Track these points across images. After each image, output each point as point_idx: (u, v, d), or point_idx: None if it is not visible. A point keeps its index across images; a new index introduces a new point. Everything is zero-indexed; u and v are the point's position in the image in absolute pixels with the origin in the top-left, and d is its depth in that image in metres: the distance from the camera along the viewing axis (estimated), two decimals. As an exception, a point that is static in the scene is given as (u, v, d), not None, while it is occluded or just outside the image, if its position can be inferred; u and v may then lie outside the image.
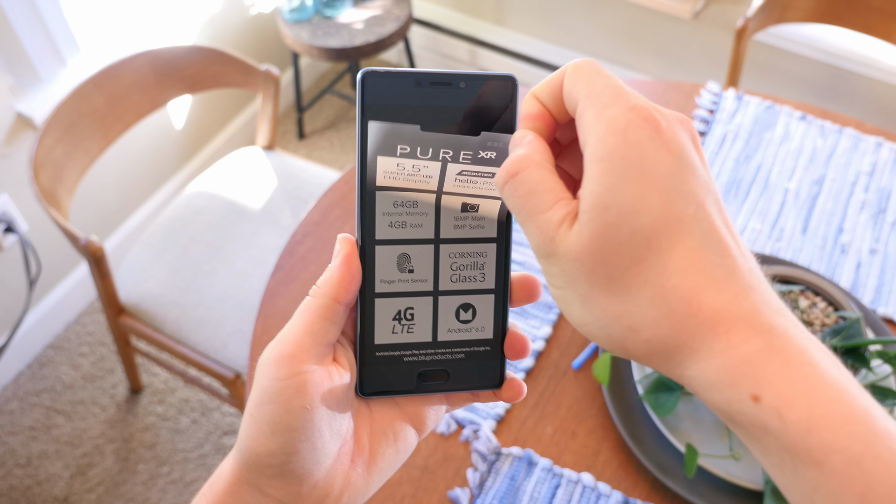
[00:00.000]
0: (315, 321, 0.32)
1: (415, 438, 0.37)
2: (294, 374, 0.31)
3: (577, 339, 0.92)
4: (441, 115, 0.33)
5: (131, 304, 1.37)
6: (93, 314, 1.86)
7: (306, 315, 0.32)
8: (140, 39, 1.73)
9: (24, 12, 1.48)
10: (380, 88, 0.33)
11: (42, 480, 1.60)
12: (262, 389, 0.31)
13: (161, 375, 1.76)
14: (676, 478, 0.78)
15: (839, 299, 0.81)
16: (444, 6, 2.24)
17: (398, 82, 0.33)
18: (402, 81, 0.33)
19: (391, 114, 0.33)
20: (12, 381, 1.75)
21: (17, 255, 1.65)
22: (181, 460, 1.63)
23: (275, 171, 1.53)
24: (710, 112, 1.20)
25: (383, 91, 0.33)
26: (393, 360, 0.36)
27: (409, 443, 0.37)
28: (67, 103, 1.29)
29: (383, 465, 0.36)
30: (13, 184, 1.58)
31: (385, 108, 0.33)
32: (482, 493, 0.79)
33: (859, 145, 1.14)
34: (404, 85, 0.33)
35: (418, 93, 0.33)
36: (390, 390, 0.36)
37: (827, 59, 1.78)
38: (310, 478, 0.32)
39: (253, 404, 0.32)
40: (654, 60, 2.04)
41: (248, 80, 1.47)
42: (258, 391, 0.32)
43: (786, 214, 1.06)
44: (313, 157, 2.23)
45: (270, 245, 1.42)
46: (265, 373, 0.32)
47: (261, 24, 2.09)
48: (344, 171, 1.21)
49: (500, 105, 0.34)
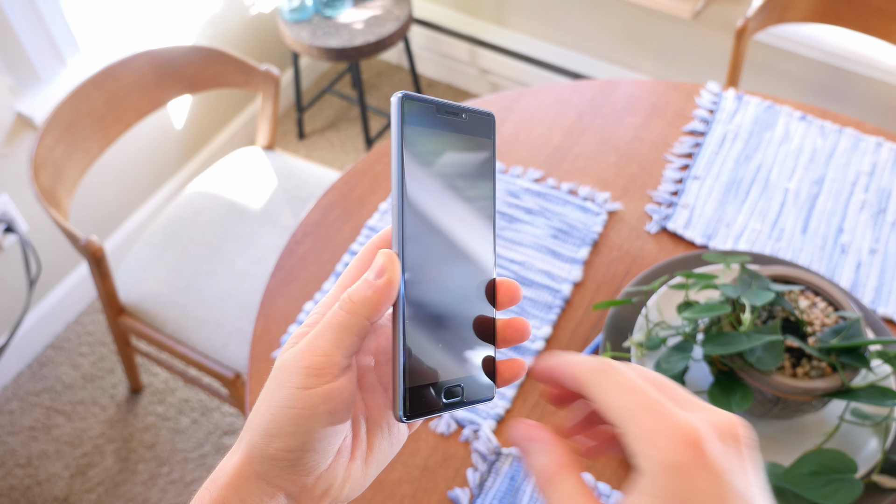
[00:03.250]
0: (346, 337, 0.34)
1: (406, 431, 0.39)
2: (323, 384, 0.33)
3: (577, 340, 0.92)
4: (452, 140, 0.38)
5: (131, 304, 1.37)
6: (93, 314, 1.86)
7: (339, 331, 0.34)
8: (140, 39, 1.73)
9: (24, 12, 1.48)
10: (412, 110, 0.36)
11: (42, 480, 1.60)
12: (289, 394, 0.33)
13: (161, 375, 1.76)
14: (676, 478, 0.78)
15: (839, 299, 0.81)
16: (444, 6, 2.24)
17: (426, 108, 0.37)
18: (429, 107, 0.37)
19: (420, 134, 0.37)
20: (12, 381, 1.75)
21: (17, 255, 1.65)
22: (181, 460, 1.63)
23: (275, 171, 1.53)
24: (710, 112, 1.20)
25: (415, 114, 0.36)
26: (429, 383, 0.36)
27: (401, 435, 0.39)
28: (67, 103, 1.29)
29: (379, 457, 0.38)
30: (13, 184, 1.58)
31: (413, 130, 0.36)
32: (482, 493, 0.79)
33: (859, 145, 1.14)
34: (431, 110, 0.37)
35: (438, 119, 0.37)
36: (424, 412, 0.36)
37: (827, 59, 1.78)
38: (317, 470, 0.34)
39: (276, 405, 0.33)
40: (654, 60, 2.04)
41: (248, 80, 1.47)
42: (285, 395, 0.33)
43: (786, 214, 1.06)
44: (313, 157, 2.23)
45: (270, 245, 1.42)
46: (293, 379, 0.33)
47: (261, 24, 2.09)
48: (344, 171, 1.21)
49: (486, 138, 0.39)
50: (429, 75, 2.43)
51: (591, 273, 1.00)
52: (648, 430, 0.30)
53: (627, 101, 1.22)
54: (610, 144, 1.15)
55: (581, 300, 0.97)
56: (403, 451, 0.83)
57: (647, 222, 1.05)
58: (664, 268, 0.94)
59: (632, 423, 0.30)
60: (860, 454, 0.79)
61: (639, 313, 0.90)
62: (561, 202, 1.07)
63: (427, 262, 0.36)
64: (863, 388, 0.75)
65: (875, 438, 0.80)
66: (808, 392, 0.74)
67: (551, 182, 1.10)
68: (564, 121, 1.19)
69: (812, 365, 0.76)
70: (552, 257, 1.01)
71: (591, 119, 1.19)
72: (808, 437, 0.82)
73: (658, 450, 0.29)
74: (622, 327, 0.89)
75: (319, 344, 0.33)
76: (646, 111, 1.20)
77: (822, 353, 0.76)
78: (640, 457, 0.30)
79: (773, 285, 0.79)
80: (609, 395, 0.32)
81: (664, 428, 0.30)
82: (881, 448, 0.78)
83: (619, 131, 1.17)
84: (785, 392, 0.74)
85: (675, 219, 1.05)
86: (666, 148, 1.15)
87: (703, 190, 1.09)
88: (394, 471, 0.82)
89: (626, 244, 1.03)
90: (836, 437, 0.80)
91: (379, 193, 1.09)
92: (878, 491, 0.76)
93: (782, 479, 0.73)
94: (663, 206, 1.07)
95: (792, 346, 0.77)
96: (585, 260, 1.01)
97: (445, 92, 2.39)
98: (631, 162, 1.13)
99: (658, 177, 1.11)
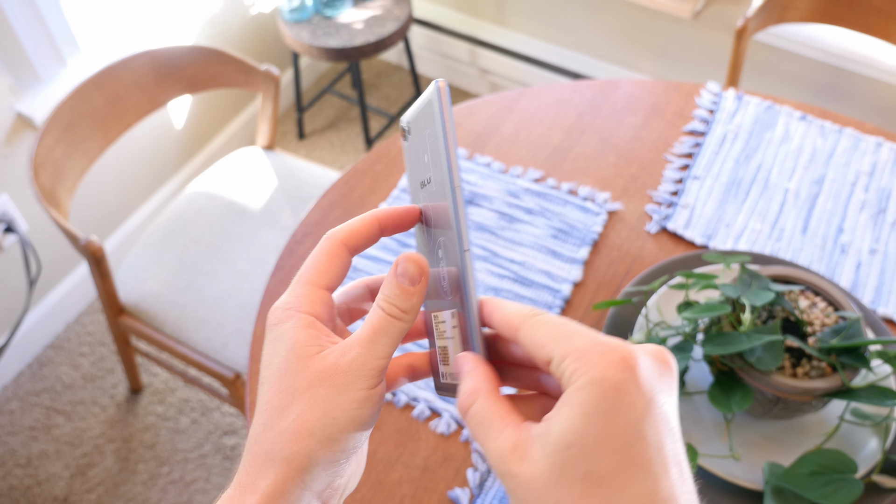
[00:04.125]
0: (397, 342, 0.36)
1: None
2: (378, 385, 0.35)
3: (577, 339, 0.92)
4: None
5: (131, 304, 1.37)
6: (93, 314, 1.86)
7: (395, 337, 0.35)
8: (140, 39, 1.73)
9: (24, 12, 1.48)
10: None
11: (42, 480, 1.60)
12: (356, 396, 0.34)
13: (161, 375, 1.76)
14: (676, 478, 0.78)
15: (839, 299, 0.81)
16: (444, 6, 2.24)
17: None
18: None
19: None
20: (12, 381, 1.75)
21: (17, 255, 1.65)
22: (181, 460, 1.63)
23: (275, 171, 1.53)
24: (710, 112, 1.20)
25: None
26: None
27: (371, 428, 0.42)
28: (67, 103, 1.29)
29: (366, 446, 0.41)
30: (13, 184, 1.58)
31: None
32: (482, 493, 0.79)
33: (859, 145, 1.14)
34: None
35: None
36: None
37: (827, 59, 1.78)
38: (349, 471, 0.37)
39: (340, 408, 0.34)
40: (654, 60, 2.04)
41: (248, 80, 1.47)
42: (351, 398, 0.34)
43: (786, 214, 1.06)
44: (313, 157, 2.23)
45: (270, 245, 1.42)
46: (361, 383, 0.34)
47: (261, 24, 2.09)
48: (344, 171, 1.21)
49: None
50: (429, 75, 2.43)
51: (591, 273, 1.00)
52: (582, 351, 0.30)
53: (627, 101, 1.22)
54: (610, 144, 1.15)
55: (581, 300, 0.97)
56: (403, 451, 0.83)
57: (647, 222, 1.05)
58: (664, 268, 0.94)
59: (564, 347, 0.31)
60: (860, 454, 0.79)
61: (639, 313, 0.90)
62: (561, 202, 1.07)
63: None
64: (863, 388, 0.75)
65: (875, 438, 0.80)
66: (808, 392, 0.74)
67: (551, 182, 1.10)
68: (564, 121, 1.19)
69: (812, 365, 0.76)
70: (552, 257, 1.01)
71: (591, 119, 1.19)
72: (808, 437, 0.82)
73: (591, 366, 0.30)
74: (622, 327, 0.89)
75: (378, 348, 0.35)
76: (646, 111, 1.20)
77: (822, 353, 0.76)
78: (571, 376, 0.30)
79: (773, 285, 0.79)
80: (541, 331, 0.32)
81: (597, 348, 0.30)
82: (881, 448, 0.78)
83: (619, 131, 1.17)
84: (785, 392, 0.74)
85: (675, 219, 1.05)
86: (666, 148, 1.15)
87: (703, 190, 1.09)
88: (394, 471, 0.82)
89: (626, 244, 1.03)
90: (836, 437, 0.80)
91: (379, 193, 1.09)
92: (878, 491, 0.76)
93: (782, 479, 0.73)
94: (663, 206, 1.07)
95: (792, 346, 0.77)
96: (585, 260, 1.01)
97: (445, 92, 2.39)
98: (631, 162, 1.13)
99: (658, 177, 1.11)
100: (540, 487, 0.30)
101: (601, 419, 0.29)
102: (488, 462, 0.33)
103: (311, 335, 0.35)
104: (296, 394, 0.34)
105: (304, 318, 0.36)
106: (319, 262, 0.37)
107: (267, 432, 0.34)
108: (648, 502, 0.29)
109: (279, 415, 0.34)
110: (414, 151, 0.39)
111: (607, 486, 0.29)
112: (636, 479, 0.29)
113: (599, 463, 0.29)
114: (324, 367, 0.35)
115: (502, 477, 0.32)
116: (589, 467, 0.29)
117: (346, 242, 0.38)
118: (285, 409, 0.34)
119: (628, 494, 0.29)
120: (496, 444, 0.32)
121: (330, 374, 0.34)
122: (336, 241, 0.37)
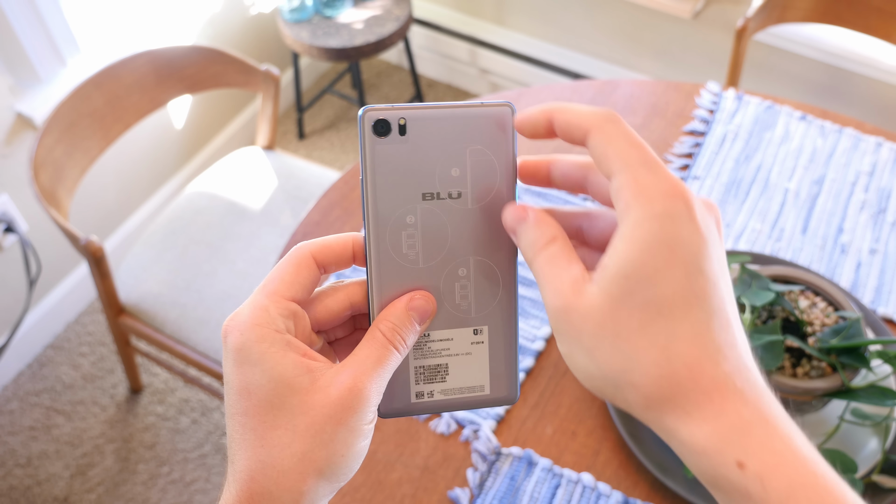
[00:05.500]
0: (388, 369, 0.36)
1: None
2: (373, 429, 0.36)
3: (577, 339, 0.92)
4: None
5: (131, 304, 1.37)
6: (93, 314, 1.86)
7: (394, 366, 0.36)
8: (140, 39, 1.73)
9: (24, 12, 1.48)
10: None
11: (42, 480, 1.60)
12: (371, 413, 0.35)
13: (161, 375, 1.76)
14: (676, 478, 0.78)
15: (839, 299, 0.81)
16: (444, 6, 2.24)
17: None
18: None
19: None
20: (12, 381, 1.75)
21: (17, 255, 1.65)
22: (181, 460, 1.63)
23: (275, 171, 1.53)
24: (710, 112, 1.20)
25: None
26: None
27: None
28: (67, 103, 1.29)
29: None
30: (13, 184, 1.58)
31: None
32: (482, 493, 0.79)
33: (859, 145, 1.14)
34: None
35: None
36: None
37: (827, 59, 1.78)
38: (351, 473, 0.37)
39: (344, 445, 0.34)
40: (654, 60, 2.04)
41: (248, 80, 1.47)
42: (366, 417, 0.35)
43: (786, 214, 1.06)
44: (313, 157, 2.23)
45: (270, 245, 1.42)
46: (373, 402, 0.35)
47: (261, 24, 2.09)
48: (344, 171, 1.21)
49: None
50: (429, 75, 2.43)
51: (591, 273, 0.99)
52: (645, 183, 0.31)
53: (627, 101, 1.22)
54: (610, 144, 1.15)
55: (581, 300, 0.97)
56: (403, 451, 0.83)
57: (647, 222, 1.05)
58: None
59: (628, 175, 0.31)
60: (860, 454, 0.79)
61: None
62: (561, 202, 1.07)
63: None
64: (863, 388, 0.75)
65: (875, 438, 0.80)
66: (808, 392, 0.74)
67: (551, 182, 1.10)
68: (564, 121, 1.19)
69: (812, 365, 0.76)
70: (552, 257, 1.01)
71: (591, 119, 1.19)
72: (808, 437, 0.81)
73: (651, 200, 0.30)
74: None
75: (381, 382, 0.35)
76: (646, 111, 1.20)
77: (822, 353, 0.76)
78: (632, 206, 0.31)
79: (773, 285, 0.79)
80: (614, 145, 0.32)
81: (658, 183, 0.31)
82: (881, 448, 0.78)
83: (619, 131, 1.17)
84: (785, 392, 0.74)
85: (675, 219, 1.05)
86: (666, 148, 1.15)
87: (703, 190, 1.09)
88: (394, 471, 0.82)
89: (626, 244, 1.03)
90: (836, 437, 0.80)
91: (379, 193, 1.09)
92: (878, 491, 0.76)
93: (782, 479, 0.73)
94: (663, 206, 1.07)
95: (792, 346, 0.77)
96: (585, 260, 1.01)
97: (445, 92, 2.39)
98: (631, 162, 1.13)
99: (658, 177, 1.11)
100: (597, 318, 0.31)
101: (660, 250, 0.30)
102: (546, 304, 0.33)
103: (296, 362, 0.33)
104: (296, 431, 0.33)
105: (278, 338, 0.34)
106: (286, 272, 0.35)
107: (268, 471, 0.33)
108: (706, 329, 0.30)
109: (280, 453, 0.33)
110: (415, 156, 0.36)
111: (667, 314, 0.30)
112: (695, 309, 0.30)
113: (659, 291, 0.30)
114: (325, 403, 0.33)
115: (557, 318, 0.32)
116: (648, 296, 0.30)
117: (316, 256, 0.36)
118: (286, 448, 0.33)
119: (688, 322, 0.30)
120: (561, 280, 0.32)
121: (334, 410, 0.33)
122: (305, 252, 0.36)
